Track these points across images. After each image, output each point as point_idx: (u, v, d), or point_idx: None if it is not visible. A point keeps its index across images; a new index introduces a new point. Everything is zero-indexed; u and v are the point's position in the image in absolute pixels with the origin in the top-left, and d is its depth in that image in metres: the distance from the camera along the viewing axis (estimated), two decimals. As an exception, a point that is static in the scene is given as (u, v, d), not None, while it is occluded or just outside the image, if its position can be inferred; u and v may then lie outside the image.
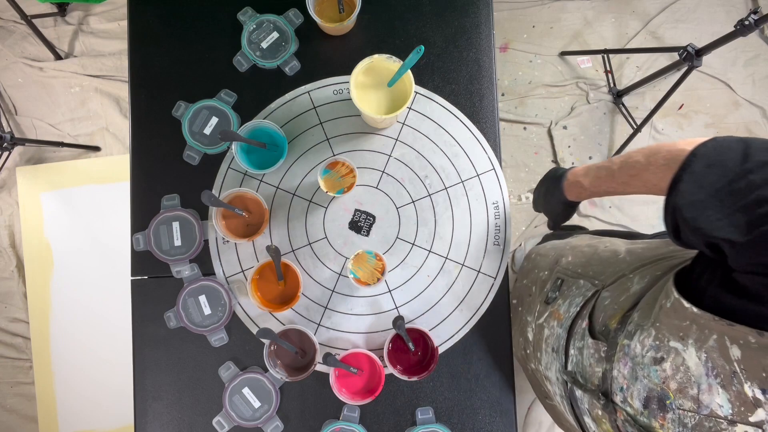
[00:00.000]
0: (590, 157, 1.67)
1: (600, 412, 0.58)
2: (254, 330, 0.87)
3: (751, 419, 0.39)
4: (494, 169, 0.89)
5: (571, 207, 0.76)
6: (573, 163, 1.67)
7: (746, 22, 1.10)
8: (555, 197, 0.76)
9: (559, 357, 0.69)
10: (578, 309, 0.69)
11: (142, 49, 0.92)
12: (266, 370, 0.85)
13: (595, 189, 0.67)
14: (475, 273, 0.87)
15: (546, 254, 0.91)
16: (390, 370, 0.81)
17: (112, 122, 1.71)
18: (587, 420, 0.63)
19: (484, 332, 0.87)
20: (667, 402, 0.46)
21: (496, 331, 0.87)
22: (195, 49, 0.91)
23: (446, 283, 0.87)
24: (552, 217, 0.81)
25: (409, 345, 0.81)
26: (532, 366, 0.81)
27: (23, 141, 1.58)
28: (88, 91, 1.72)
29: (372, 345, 0.87)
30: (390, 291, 0.88)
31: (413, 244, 0.88)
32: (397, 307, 0.87)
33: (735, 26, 1.13)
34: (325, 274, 0.88)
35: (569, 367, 0.67)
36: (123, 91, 1.71)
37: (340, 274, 0.88)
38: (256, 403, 0.85)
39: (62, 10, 1.69)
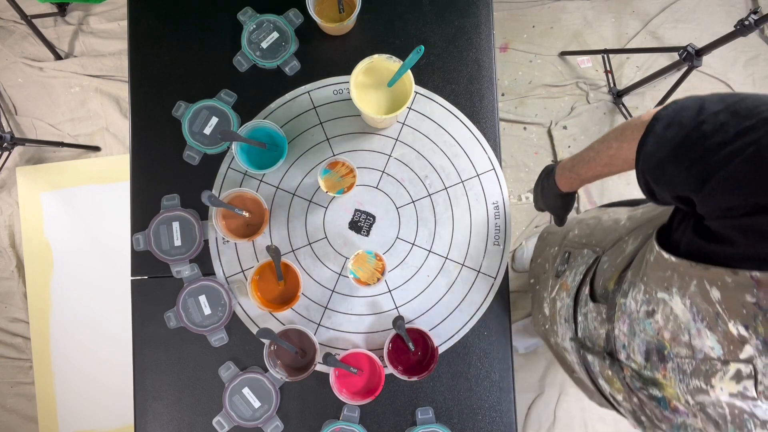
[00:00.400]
0: (590, 157, 1.67)
1: (609, 372, 0.59)
2: (254, 330, 0.87)
3: (741, 356, 0.40)
4: (494, 169, 0.89)
5: (569, 198, 0.77)
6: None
7: (746, 22, 1.10)
8: (551, 191, 0.77)
9: (570, 326, 0.71)
10: (581, 277, 0.71)
11: (142, 49, 0.92)
12: (266, 370, 0.85)
13: (584, 175, 0.69)
14: (475, 273, 0.87)
15: (555, 231, 0.94)
16: (390, 370, 0.81)
17: (112, 122, 1.71)
18: (602, 382, 0.64)
19: (484, 332, 0.87)
20: (665, 352, 0.47)
21: (496, 331, 0.87)
22: (195, 49, 0.91)
23: (446, 283, 0.87)
24: (553, 212, 0.81)
25: (409, 345, 0.81)
26: (552, 340, 0.82)
27: (23, 141, 1.58)
28: (88, 91, 1.72)
29: (372, 345, 0.87)
30: (390, 291, 0.88)
31: (413, 244, 0.88)
32: (397, 307, 0.87)
33: (735, 26, 1.13)
34: (325, 274, 0.88)
35: (579, 334, 0.69)
36: (123, 91, 1.71)
37: (340, 274, 0.88)
38: (256, 403, 0.85)
39: (62, 10, 1.69)
